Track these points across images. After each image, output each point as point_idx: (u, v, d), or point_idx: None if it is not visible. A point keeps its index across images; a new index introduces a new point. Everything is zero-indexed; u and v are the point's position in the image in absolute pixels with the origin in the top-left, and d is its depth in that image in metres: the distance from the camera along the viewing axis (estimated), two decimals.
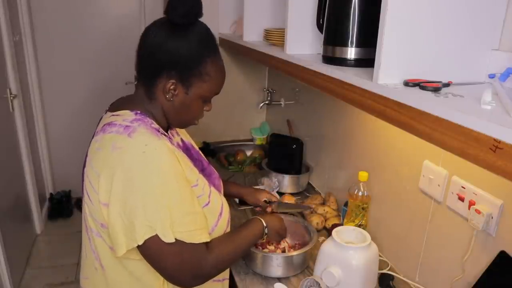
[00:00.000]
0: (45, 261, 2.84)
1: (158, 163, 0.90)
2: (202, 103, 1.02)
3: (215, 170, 1.24)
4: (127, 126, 0.93)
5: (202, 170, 1.15)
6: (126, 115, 0.96)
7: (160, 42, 0.94)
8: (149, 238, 0.88)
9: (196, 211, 0.96)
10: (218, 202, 1.08)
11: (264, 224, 1.17)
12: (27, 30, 2.98)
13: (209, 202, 1.03)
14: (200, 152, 1.24)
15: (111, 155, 0.90)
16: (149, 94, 0.99)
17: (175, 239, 0.90)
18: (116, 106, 1.02)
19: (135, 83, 1.06)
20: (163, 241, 0.88)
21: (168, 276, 0.96)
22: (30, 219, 3.00)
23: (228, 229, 1.13)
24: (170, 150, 0.93)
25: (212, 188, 1.08)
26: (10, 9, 2.63)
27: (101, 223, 0.93)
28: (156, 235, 0.88)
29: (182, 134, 1.19)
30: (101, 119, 1.05)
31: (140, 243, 0.88)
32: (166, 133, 1.03)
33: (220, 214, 1.07)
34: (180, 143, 1.14)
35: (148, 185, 0.88)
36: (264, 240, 1.21)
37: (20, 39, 2.89)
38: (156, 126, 0.98)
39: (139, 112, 0.97)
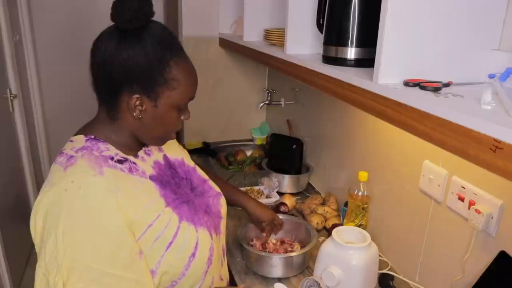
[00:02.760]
0: None
1: (73, 204, 0.78)
2: (177, 112, 0.89)
3: (212, 187, 1.09)
4: (71, 156, 0.84)
5: (191, 190, 1.02)
6: (77, 142, 0.87)
7: (112, 54, 0.82)
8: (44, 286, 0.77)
9: (114, 272, 0.78)
10: (191, 240, 0.90)
11: None
12: (27, 30, 2.98)
13: (172, 242, 0.87)
14: (197, 168, 1.11)
15: (43, 190, 0.81)
16: (112, 116, 0.87)
17: None
18: (81, 127, 0.93)
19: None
20: None
21: None
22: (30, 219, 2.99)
23: (209, 270, 0.95)
24: (103, 191, 0.80)
25: (184, 224, 0.90)
26: (10, 9, 2.63)
27: None
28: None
29: (168, 150, 1.04)
30: None
31: None
32: (134, 155, 0.92)
33: (193, 254, 0.90)
34: (161, 161, 0.99)
35: (55, 227, 0.76)
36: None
37: (20, 39, 2.88)
38: (112, 153, 0.87)
39: (92, 137, 0.87)
